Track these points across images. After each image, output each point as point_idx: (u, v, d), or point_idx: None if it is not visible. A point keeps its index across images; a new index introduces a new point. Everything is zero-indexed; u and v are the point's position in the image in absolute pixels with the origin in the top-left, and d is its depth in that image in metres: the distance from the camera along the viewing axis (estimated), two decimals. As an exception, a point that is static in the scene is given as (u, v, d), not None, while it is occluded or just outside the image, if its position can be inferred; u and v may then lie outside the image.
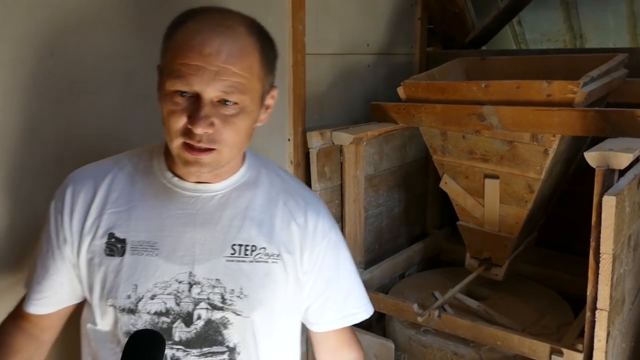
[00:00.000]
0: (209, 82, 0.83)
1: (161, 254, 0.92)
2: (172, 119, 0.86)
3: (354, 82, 2.08)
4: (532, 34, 2.82)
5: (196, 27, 0.86)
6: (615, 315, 1.34)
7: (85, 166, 1.01)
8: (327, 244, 1.03)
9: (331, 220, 1.06)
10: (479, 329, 1.58)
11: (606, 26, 2.61)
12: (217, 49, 0.84)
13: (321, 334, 1.08)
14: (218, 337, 0.93)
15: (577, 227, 1.61)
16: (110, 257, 0.93)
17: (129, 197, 0.96)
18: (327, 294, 1.05)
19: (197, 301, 0.92)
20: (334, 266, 1.05)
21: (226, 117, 0.86)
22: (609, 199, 1.23)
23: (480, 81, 1.67)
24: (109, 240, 0.93)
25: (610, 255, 1.26)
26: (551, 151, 1.59)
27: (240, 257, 0.95)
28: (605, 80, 1.63)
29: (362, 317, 1.09)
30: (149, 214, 0.95)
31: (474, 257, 1.95)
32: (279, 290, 0.98)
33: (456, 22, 2.41)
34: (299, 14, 1.73)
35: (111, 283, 0.93)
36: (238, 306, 0.93)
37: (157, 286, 0.92)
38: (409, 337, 1.75)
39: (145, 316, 0.92)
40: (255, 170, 1.02)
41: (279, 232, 0.98)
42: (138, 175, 0.98)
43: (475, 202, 1.84)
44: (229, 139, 0.87)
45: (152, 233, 0.94)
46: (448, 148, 1.82)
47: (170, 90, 0.85)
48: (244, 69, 0.86)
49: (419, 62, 2.39)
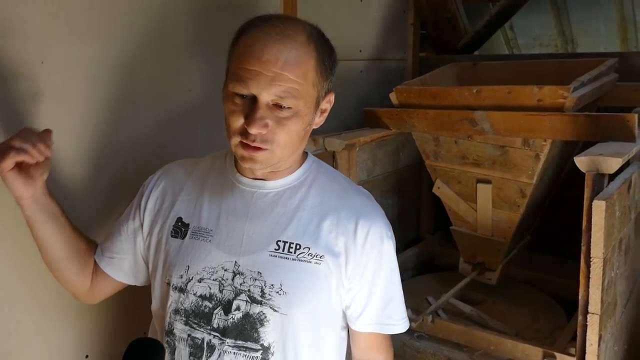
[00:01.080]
0: (265, 87, 0.91)
1: (214, 241, 1.00)
2: (231, 118, 0.94)
3: (346, 87, 2.09)
4: (524, 39, 2.84)
5: (258, 35, 0.93)
6: (607, 318, 1.34)
7: (175, 161, 1.16)
8: (376, 255, 1.04)
9: (384, 231, 1.06)
10: (472, 334, 1.58)
11: (597, 31, 2.63)
12: (275, 56, 0.91)
13: (356, 332, 1.10)
14: (254, 333, 0.96)
15: (570, 231, 1.60)
16: (174, 238, 1.04)
17: (201, 188, 1.07)
18: (367, 301, 1.05)
19: (239, 291, 0.96)
20: (379, 276, 1.05)
21: (280, 119, 0.93)
22: (598, 204, 1.24)
23: (472, 86, 1.68)
24: (176, 223, 1.05)
25: (601, 259, 1.26)
26: (542, 156, 1.60)
27: (284, 253, 0.98)
28: (595, 84, 1.64)
29: (398, 330, 1.10)
30: (212, 204, 1.05)
31: (467, 261, 1.95)
32: (321, 292, 0.99)
33: (449, 27, 2.42)
34: (290, 20, 1.73)
35: (171, 261, 1.03)
36: (276, 302, 0.95)
37: (206, 270, 0.99)
38: (403, 342, 1.75)
39: (192, 297, 0.98)
40: (314, 173, 1.07)
41: (325, 235, 1.00)
42: (213, 171, 1.09)
43: (468, 206, 1.85)
44: (281, 140, 0.94)
45: (210, 221, 1.03)
46: (440, 153, 1.83)
47: (231, 92, 0.94)
48: (299, 75, 0.93)
49: (411, 67, 2.40)
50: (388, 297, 1.08)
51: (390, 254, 1.07)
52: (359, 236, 1.02)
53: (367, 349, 1.12)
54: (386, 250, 1.06)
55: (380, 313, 1.07)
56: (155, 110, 1.37)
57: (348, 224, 1.02)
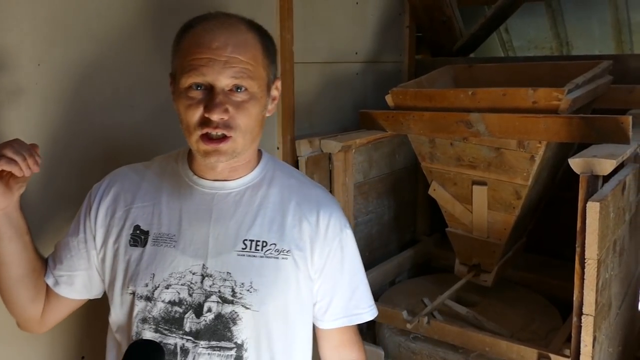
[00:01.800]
0: (220, 71, 0.92)
1: (178, 246, 0.99)
2: (189, 112, 0.94)
3: (342, 90, 2.09)
4: (519, 42, 2.86)
5: (203, 27, 0.95)
6: (601, 320, 1.35)
7: (122, 167, 1.11)
8: (337, 244, 1.06)
9: (343, 221, 1.09)
10: (467, 335, 1.58)
11: (591, 33, 2.65)
12: (224, 42, 0.93)
13: (325, 330, 1.10)
14: (227, 332, 0.96)
15: (565, 232, 1.61)
16: (133, 247, 1.01)
17: (155, 194, 1.04)
18: (333, 292, 1.07)
19: (209, 294, 0.96)
20: (341, 265, 1.07)
21: (238, 103, 0.94)
22: (593, 205, 1.25)
23: (467, 89, 1.69)
24: (134, 232, 1.02)
25: (595, 261, 1.27)
26: (537, 157, 1.60)
27: (251, 252, 0.99)
28: (590, 87, 1.65)
29: (366, 318, 1.11)
30: (171, 209, 1.02)
31: (463, 263, 1.96)
32: (289, 286, 1.01)
33: (444, 30, 2.43)
34: (286, 22, 1.74)
35: (132, 271, 0.99)
36: (248, 300, 0.96)
37: (173, 276, 0.97)
38: (399, 344, 1.76)
39: (160, 304, 0.97)
40: (271, 170, 1.08)
41: (290, 229, 1.02)
42: (165, 176, 1.07)
43: (464, 208, 1.86)
44: (243, 124, 0.95)
45: (172, 226, 1.01)
46: (436, 155, 1.83)
47: (185, 87, 0.94)
48: (250, 58, 0.95)
49: (407, 69, 2.41)
50: (353, 286, 1.10)
51: (350, 243, 1.10)
52: (321, 226, 1.04)
53: (338, 347, 1.12)
54: (346, 239, 1.08)
55: (347, 303, 1.09)
56: (151, 112, 1.37)
57: (310, 216, 1.04)
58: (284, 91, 1.76)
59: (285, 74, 1.76)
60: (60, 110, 1.21)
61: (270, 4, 1.70)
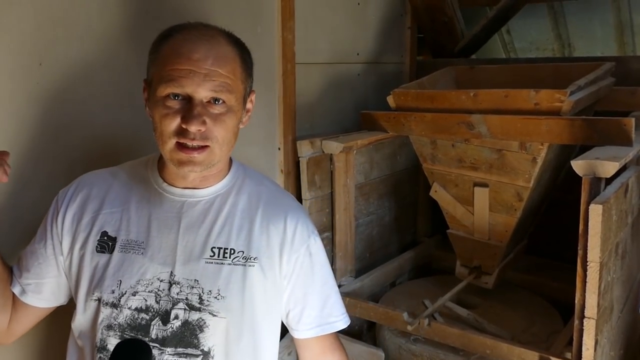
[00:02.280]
0: (200, 84, 0.92)
1: (146, 253, 0.98)
2: (165, 121, 0.93)
3: (344, 91, 2.09)
4: (521, 43, 2.85)
5: (183, 37, 0.94)
6: (603, 323, 1.34)
7: (89, 172, 1.09)
8: (305, 250, 1.06)
9: (310, 228, 1.09)
10: (468, 338, 1.58)
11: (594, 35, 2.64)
12: (204, 54, 0.93)
13: (303, 340, 1.10)
14: (193, 339, 0.95)
15: (566, 234, 1.61)
16: (100, 253, 0.99)
17: (124, 200, 1.03)
18: (304, 301, 1.07)
19: (176, 301, 0.96)
20: (311, 273, 1.07)
21: (216, 115, 0.94)
22: (595, 208, 1.24)
23: (468, 90, 1.68)
24: (101, 238, 1.00)
25: (598, 264, 1.26)
26: (539, 159, 1.60)
27: (219, 259, 0.99)
28: (592, 88, 1.64)
29: (339, 327, 1.10)
30: (139, 216, 1.01)
31: (464, 265, 1.95)
32: (256, 293, 1.00)
33: (446, 31, 2.43)
34: (288, 23, 1.73)
35: (99, 278, 0.98)
36: (215, 307, 0.96)
37: (140, 283, 0.96)
38: (399, 345, 1.75)
39: (126, 311, 0.96)
40: (240, 178, 1.07)
41: (257, 237, 1.02)
42: (134, 182, 1.05)
43: (465, 210, 1.85)
44: (219, 135, 0.95)
45: (140, 233, 1.00)
46: (438, 156, 1.83)
47: (162, 96, 0.93)
48: (229, 71, 0.95)
49: (409, 70, 2.41)
50: (325, 295, 1.09)
51: (319, 251, 1.09)
52: (288, 233, 1.04)
53: (319, 355, 1.11)
54: (314, 246, 1.08)
55: (320, 312, 1.08)
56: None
57: (278, 223, 1.04)
58: (285, 91, 1.76)
59: (287, 75, 1.75)
60: (61, 110, 1.21)
61: (272, 5, 1.70)
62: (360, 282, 1.94)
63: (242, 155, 1.14)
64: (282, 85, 1.75)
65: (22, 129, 1.15)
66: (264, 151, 1.75)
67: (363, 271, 2.04)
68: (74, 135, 1.24)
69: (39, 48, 1.15)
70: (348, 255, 1.95)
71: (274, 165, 1.79)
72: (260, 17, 1.67)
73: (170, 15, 1.39)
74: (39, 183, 1.18)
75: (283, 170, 1.79)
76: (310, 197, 1.81)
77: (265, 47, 1.69)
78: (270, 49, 1.71)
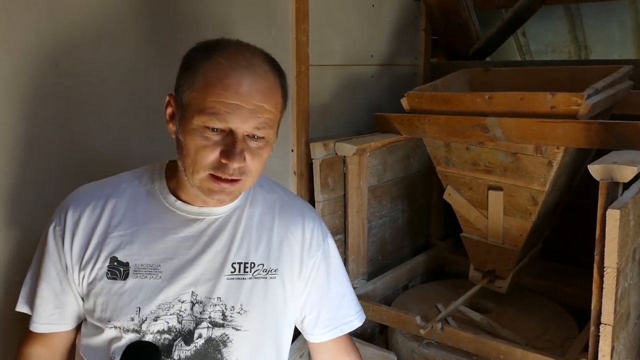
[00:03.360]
0: (246, 120, 0.87)
1: (165, 277, 0.94)
2: (202, 152, 0.87)
3: (357, 93, 2.08)
4: (537, 45, 2.82)
5: (229, 64, 0.87)
6: (619, 329, 1.32)
7: (85, 187, 1.01)
8: (321, 254, 1.06)
9: (325, 230, 1.09)
10: (482, 343, 1.56)
11: (611, 37, 2.61)
12: (252, 87, 0.87)
13: (318, 343, 1.09)
14: (217, 355, 0.94)
15: (581, 239, 1.59)
16: (112, 280, 0.94)
17: (132, 221, 0.96)
18: (320, 305, 1.07)
19: (199, 320, 0.94)
20: (327, 276, 1.07)
21: (254, 150, 0.90)
22: (613, 213, 1.22)
23: (484, 92, 1.67)
24: (111, 264, 0.94)
25: (615, 269, 1.24)
26: (555, 163, 1.58)
27: (240, 274, 0.97)
28: (609, 92, 1.62)
29: (355, 325, 1.10)
30: (152, 238, 0.95)
31: (477, 269, 1.94)
32: (278, 304, 1.00)
33: (460, 33, 2.41)
34: (302, 25, 1.73)
35: (113, 306, 0.93)
36: (238, 322, 0.95)
37: (161, 308, 0.93)
38: (412, 349, 1.74)
39: (149, 335, 0.93)
40: (252, 189, 1.04)
41: (276, 247, 1.01)
42: (140, 199, 0.98)
43: (479, 213, 1.84)
44: (254, 169, 0.91)
45: (155, 257, 0.95)
46: (452, 159, 1.82)
47: (201, 126, 0.87)
48: (273, 105, 0.90)
49: (423, 73, 2.39)
50: (340, 295, 1.09)
51: (334, 252, 1.09)
52: (306, 238, 1.04)
53: (336, 355, 1.11)
54: (329, 249, 1.08)
55: (336, 314, 1.08)
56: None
57: (296, 231, 1.04)
58: (299, 93, 1.76)
59: (301, 76, 1.75)
60: (76, 111, 1.22)
61: (286, 6, 1.70)
62: (373, 285, 1.94)
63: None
64: (296, 87, 1.75)
65: (38, 130, 1.16)
66: (277, 153, 1.74)
67: (375, 274, 2.03)
68: (88, 136, 1.24)
69: (55, 50, 1.16)
70: (360, 257, 1.94)
71: (287, 167, 1.79)
72: (275, 18, 1.67)
73: (186, 17, 1.39)
74: (53, 183, 1.19)
75: (296, 172, 1.79)
76: (323, 199, 1.81)
77: (279, 49, 1.69)
78: (285, 51, 1.71)
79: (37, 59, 1.13)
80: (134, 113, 1.32)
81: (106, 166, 1.26)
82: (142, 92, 1.32)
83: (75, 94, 1.21)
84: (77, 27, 1.19)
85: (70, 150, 1.22)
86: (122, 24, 1.27)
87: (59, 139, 1.20)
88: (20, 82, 1.12)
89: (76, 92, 1.21)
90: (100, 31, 1.23)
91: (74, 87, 1.20)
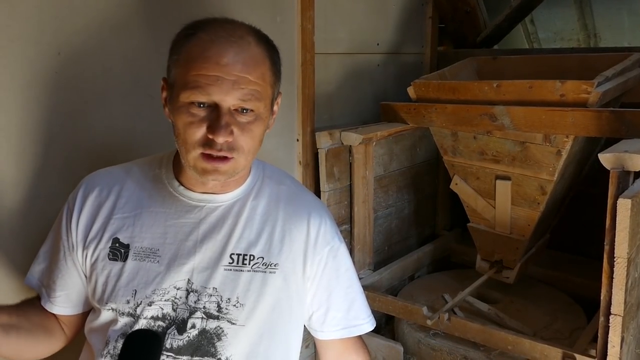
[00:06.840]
0: (228, 92, 0.86)
1: (162, 262, 0.94)
2: (189, 130, 0.87)
3: (363, 81, 2.06)
4: (545, 33, 2.78)
5: (209, 37, 0.87)
6: (629, 320, 1.31)
7: (98, 171, 1.04)
8: (328, 252, 1.03)
9: (334, 227, 1.06)
10: (489, 333, 1.55)
11: (621, 25, 2.57)
12: (233, 59, 0.86)
13: (326, 341, 1.08)
14: (211, 348, 0.92)
15: (590, 229, 1.58)
16: (113, 261, 0.95)
17: (136, 203, 0.98)
18: (329, 303, 1.04)
19: (193, 310, 0.93)
20: (335, 275, 1.04)
21: (244, 124, 0.89)
22: (624, 202, 1.20)
23: (491, 81, 1.65)
24: (113, 245, 0.96)
25: (625, 259, 1.23)
26: (564, 152, 1.56)
27: (238, 266, 0.95)
28: (620, 80, 1.60)
29: (366, 329, 1.08)
30: (153, 221, 0.96)
31: (484, 259, 1.92)
32: (277, 301, 0.97)
33: (468, 21, 2.38)
34: (307, 12, 1.71)
35: (112, 287, 0.94)
36: (234, 315, 0.93)
37: (156, 293, 0.93)
38: (418, 340, 1.73)
39: (142, 320, 0.93)
40: (260, 179, 1.03)
41: (278, 242, 0.99)
42: (147, 183, 1.00)
43: (486, 203, 1.82)
44: (246, 146, 0.90)
45: (155, 240, 0.95)
46: (459, 149, 1.80)
47: (186, 102, 0.87)
48: (259, 77, 0.89)
49: (429, 61, 2.37)
50: (350, 298, 1.07)
51: (343, 253, 1.06)
52: (312, 234, 1.01)
53: (342, 353, 1.09)
54: (338, 248, 1.05)
55: (346, 315, 1.06)
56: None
57: (300, 226, 1.01)
58: (304, 82, 1.74)
59: (306, 65, 1.73)
60: (79, 99, 1.21)
61: (292, -6, 1.68)
62: (379, 275, 1.93)
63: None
64: (301, 76, 1.73)
65: (41, 118, 1.15)
66: (282, 142, 1.73)
67: (381, 264, 2.02)
68: (91, 124, 1.23)
69: (58, 38, 1.15)
70: (366, 248, 1.93)
71: (293, 156, 1.78)
72: (280, 6, 1.65)
73: (189, 4, 1.37)
74: (56, 171, 1.18)
75: (301, 161, 1.78)
76: (328, 189, 1.80)
77: (285, 37, 1.67)
78: (290, 39, 1.69)
79: (40, 47, 1.12)
80: (138, 101, 1.31)
81: (110, 154, 1.25)
82: (146, 80, 1.31)
83: (79, 82, 1.19)
84: (79, 14, 1.18)
85: (74, 139, 1.21)
86: (125, 11, 1.25)
87: (63, 128, 1.19)
88: (23, 70, 1.10)
89: (79, 80, 1.19)
90: (104, 19, 1.22)
91: (77, 75, 1.19)
